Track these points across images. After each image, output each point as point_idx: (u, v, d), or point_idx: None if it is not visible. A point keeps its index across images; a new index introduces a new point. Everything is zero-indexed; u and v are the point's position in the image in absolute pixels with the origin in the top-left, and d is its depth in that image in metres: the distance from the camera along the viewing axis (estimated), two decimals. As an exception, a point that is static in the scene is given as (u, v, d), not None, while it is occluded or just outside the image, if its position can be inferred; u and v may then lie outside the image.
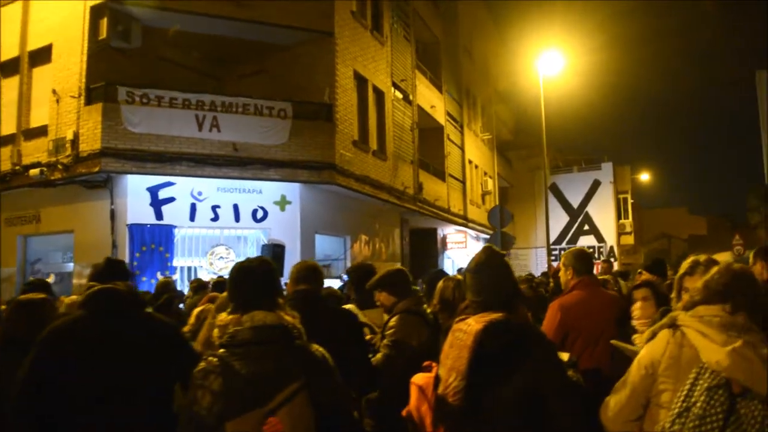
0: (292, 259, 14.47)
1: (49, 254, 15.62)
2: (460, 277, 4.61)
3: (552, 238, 36.75)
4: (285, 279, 13.08)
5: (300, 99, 14.73)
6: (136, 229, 13.64)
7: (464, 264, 26.20)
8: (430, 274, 6.12)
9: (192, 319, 5.03)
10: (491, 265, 2.98)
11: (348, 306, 5.64)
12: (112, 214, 13.65)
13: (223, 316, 2.76)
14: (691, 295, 2.58)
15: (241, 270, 2.92)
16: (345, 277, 12.54)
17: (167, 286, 7.65)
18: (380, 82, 18.00)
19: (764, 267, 6.28)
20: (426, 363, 3.27)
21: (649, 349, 2.53)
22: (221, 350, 2.56)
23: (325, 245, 17.20)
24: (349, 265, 17.07)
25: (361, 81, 16.87)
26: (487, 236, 25.48)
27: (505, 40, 33.27)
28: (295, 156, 14.25)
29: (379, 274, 4.85)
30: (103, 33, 13.45)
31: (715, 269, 2.60)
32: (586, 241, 38.55)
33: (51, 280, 12.10)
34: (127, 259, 13.57)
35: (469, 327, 2.79)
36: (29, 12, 14.88)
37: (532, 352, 2.74)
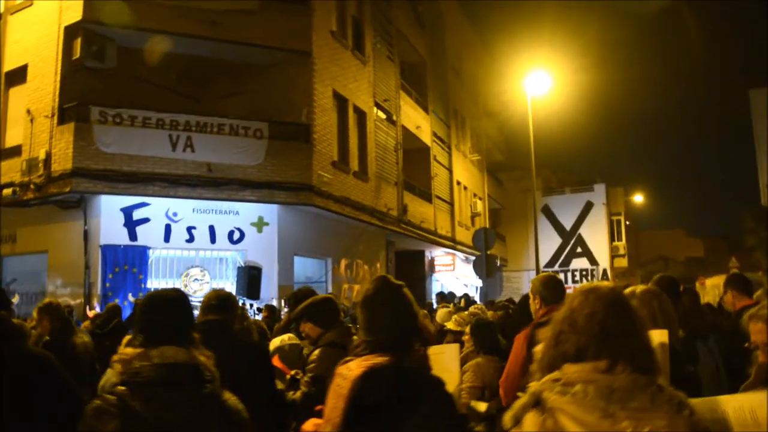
0: (269, 282, 14.28)
1: (27, 275, 15.37)
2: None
3: (544, 261, 36.61)
4: (261, 302, 12.80)
5: (278, 119, 14.56)
6: (109, 250, 13.43)
7: (453, 287, 25.97)
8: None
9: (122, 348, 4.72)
10: (382, 300, 2.60)
11: (287, 335, 5.38)
12: (86, 235, 13.47)
13: (129, 349, 2.47)
14: (548, 346, 1.94)
15: (154, 298, 2.67)
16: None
17: (118, 311, 7.39)
18: (362, 102, 17.85)
19: (735, 296, 5.97)
20: (318, 407, 2.90)
21: None
22: (121, 388, 2.26)
23: (306, 267, 16.96)
24: (330, 288, 16.84)
25: (341, 101, 16.72)
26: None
27: (495, 61, 33.22)
28: (272, 177, 14.05)
29: (303, 303, 4.48)
30: (77, 53, 13.31)
31: (576, 295, 1.95)
32: (579, 264, 38.35)
33: (15, 300, 11.89)
34: (99, 281, 13.41)
35: (349, 372, 2.40)
36: (6, 33, 14.79)
37: (421, 404, 2.34)
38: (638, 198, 47.37)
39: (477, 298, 22.46)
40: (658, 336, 2.42)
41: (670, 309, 3.21)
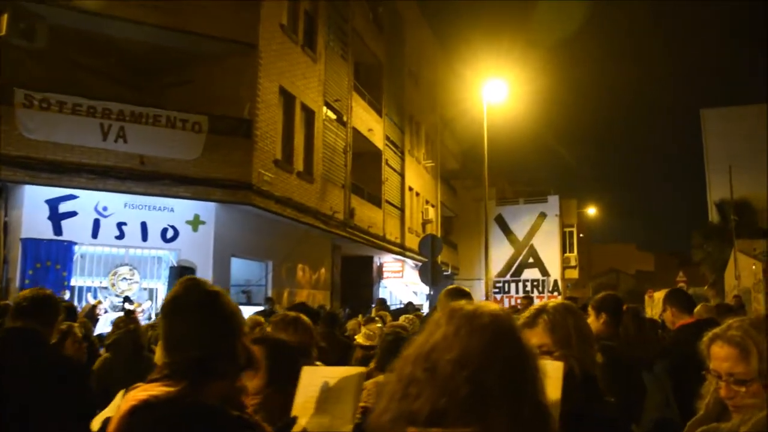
0: (203, 283, 13.54)
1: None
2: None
3: (496, 270, 36.46)
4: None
5: (222, 113, 13.87)
6: (30, 244, 12.61)
7: (401, 294, 25.49)
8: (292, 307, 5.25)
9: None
10: (186, 308, 1.95)
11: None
12: (5, 227, 12.60)
13: None
14: (390, 397, 1.24)
15: None
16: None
17: (5, 311, 6.63)
18: (310, 101, 17.21)
19: (675, 314, 5.49)
20: None
21: None
22: None
23: (244, 270, 16.31)
24: (270, 292, 16.20)
25: (287, 98, 16.06)
26: (426, 266, 24.76)
27: (453, 69, 32.83)
28: (209, 173, 13.36)
29: None
30: (3, 30, 12.36)
31: (442, 321, 1.27)
32: (531, 274, 38.26)
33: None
34: (18, 277, 12.56)
35: (125, 404, 1.85)
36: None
37: None
38: (591, 211, 47.77)
39: (426, 307, 22.03)
40: (551, 369, 1.76)
41: (586, 328, 2.66)
